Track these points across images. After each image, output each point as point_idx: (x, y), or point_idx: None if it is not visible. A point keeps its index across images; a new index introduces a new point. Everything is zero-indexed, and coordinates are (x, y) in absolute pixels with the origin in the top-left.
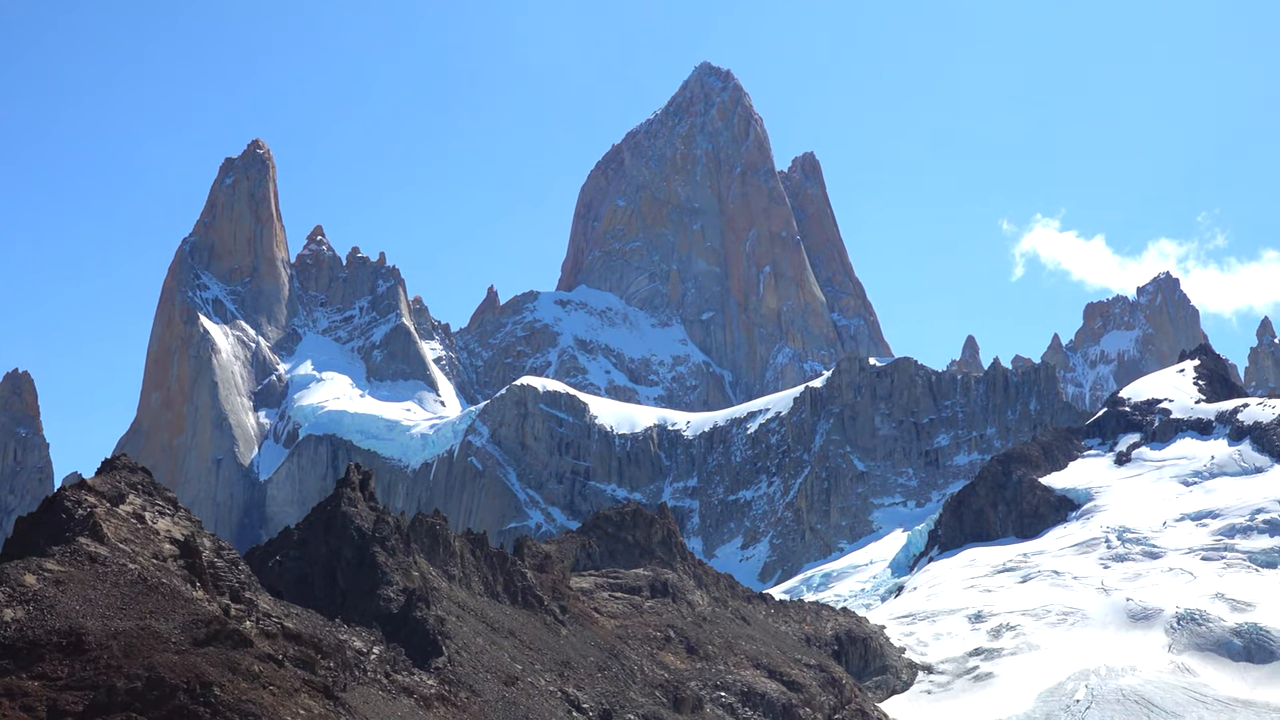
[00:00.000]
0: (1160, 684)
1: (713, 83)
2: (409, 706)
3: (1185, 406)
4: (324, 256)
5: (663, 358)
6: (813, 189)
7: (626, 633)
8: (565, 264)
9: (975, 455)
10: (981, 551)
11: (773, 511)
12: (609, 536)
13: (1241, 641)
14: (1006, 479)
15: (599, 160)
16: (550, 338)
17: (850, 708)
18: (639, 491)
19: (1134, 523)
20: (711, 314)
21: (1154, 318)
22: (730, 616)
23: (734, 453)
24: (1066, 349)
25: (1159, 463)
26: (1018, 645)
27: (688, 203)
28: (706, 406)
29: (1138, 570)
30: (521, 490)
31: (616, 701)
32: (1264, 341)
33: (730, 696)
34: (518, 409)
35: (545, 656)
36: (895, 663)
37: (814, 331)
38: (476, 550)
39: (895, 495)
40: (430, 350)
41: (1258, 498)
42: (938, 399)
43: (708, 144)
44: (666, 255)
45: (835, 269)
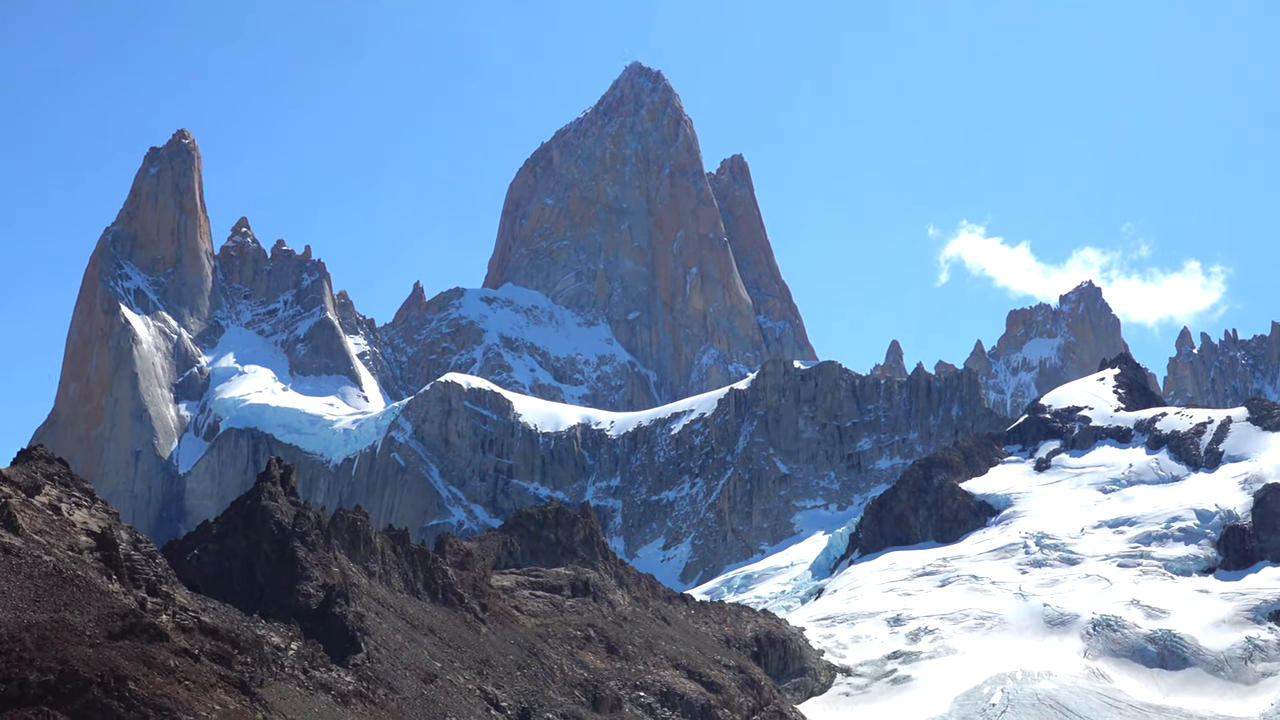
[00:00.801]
0: (1075, 689)
1: (643, 83)
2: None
3: (1105, 415)
4: (249, 249)
5: (588, 357)
6: (741, 191)
7: (547, 631)
8: (492, 261)
9: (897, 459)
10: (901, 555)
11: (695, 512)
12: (531, 535)
13: (1155, 648)
14: (927, 483)
15: (528, 158)
16: (475, 335)
17: (769, 709)
18: (562, 490)
19: (1052, 529)
20: (637, 314)
21: (1076, 326)
22: (651, 617)
23: (657, 453)
24: (989, 355)
25: (1078, 470)
26: (936, 649)
27: (616, 202)
28: (631, 406)
29: (1055, 576)
30: (444, 487)
31: (535, 700)
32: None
33: (649, 696)
34: (441, 406)
35: (464, 654)
36: (814, 665)
37: (739, 333)
38: (397, 547)
39: (817, 498)
40: (354, 345)
41: (1174, 506)
42: (861, 403)
43: (637, 144)
44: (593, 254)
45: (762, 271)
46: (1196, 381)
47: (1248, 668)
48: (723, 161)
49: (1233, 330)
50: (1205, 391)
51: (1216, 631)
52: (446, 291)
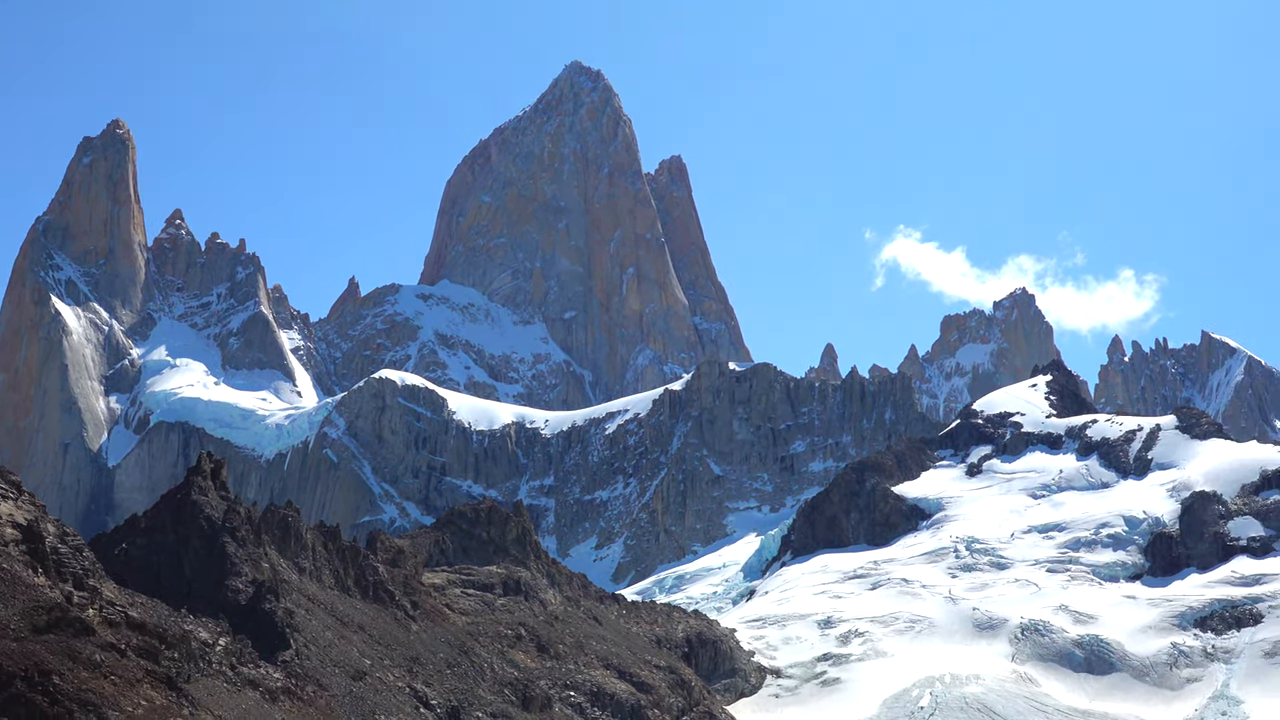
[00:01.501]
0: (1003, 693)
1: (583, 82)
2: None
3: (1036, 421)
4: (182, 241)
5: (523, 355)
6: (678, 192)
7: (477, 630)
8: (428, 258)
9: (830, 462)
10: (833, 558)
11: (628, 512)
12: (463, 533)
13: (1082, 653)
14: (860, 487)
15: (466, 155)
16: (410, 331)
17: (699, 710)
18: (495, 489)
19: (982, 533)
20: (574, 313)
21: (1009, 332)
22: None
23: (591, 453)
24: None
25: (1009, 475)
26: (865, 652)
27: (553, 201)
28: (566, 406)
29: (984, 580)
30: (376, 484)
31: (465, 699)
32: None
33: (579, 696)
34: (375, 402)
35: (395, 652)
36: (744, 666)
37: (675, 334)
38: (328, 543)
39: (750, 500)
40: (288, 340)
41: (1103, 512)
42: (795, 405)
43: (576, 143)
44: (530, 253)
45: (698, 273)
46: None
47: (1173, 673)
48: (661, 162)
49: (1163, 339)
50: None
51: (1143, 637)
52: (382, 288)
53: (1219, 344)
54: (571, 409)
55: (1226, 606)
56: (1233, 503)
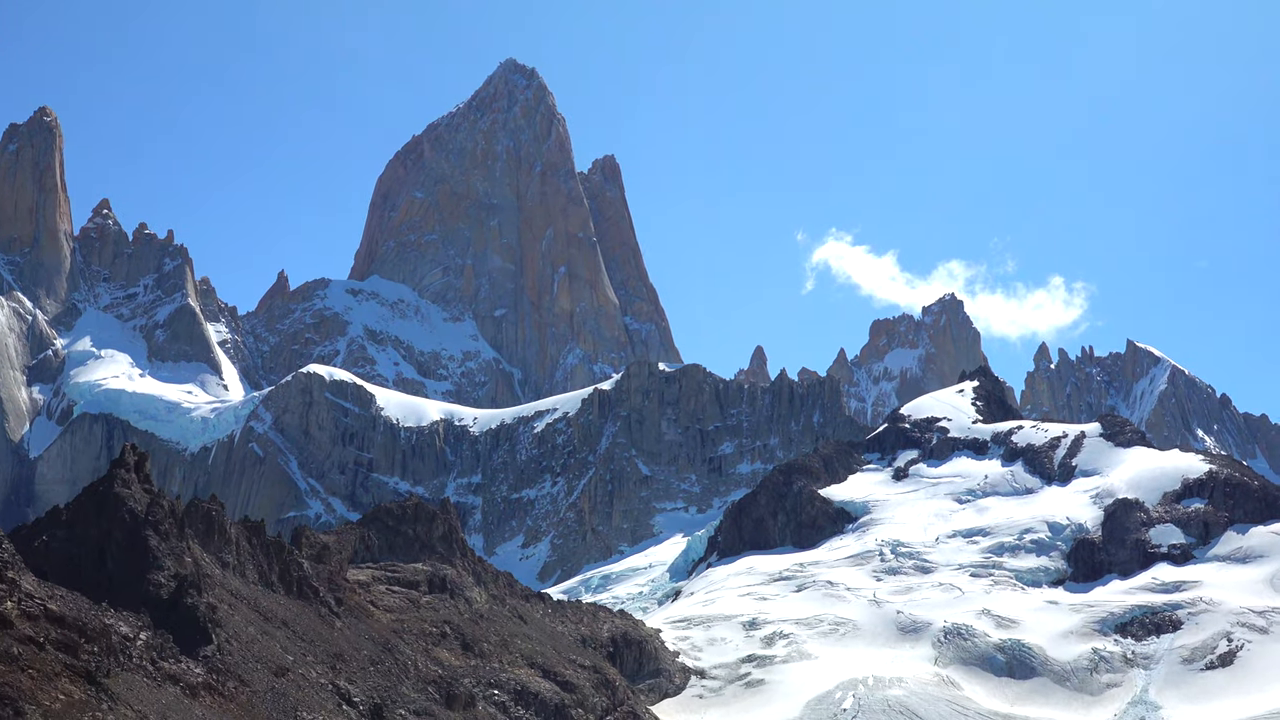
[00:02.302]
0: (925, 696)
1: (517, 80)
2: (174, 695)
3: (963, 426)
4: (109, 231)
5: (453, 352)
6: (611, 192)
7: (402, 627)
8: (359, 253)
9: (758, 464)
10: (759, 559)
11: (555, 511)
12: (389, 530)
13: (1005, 657)
14: (787, 489)
15: (398, 150)
16: (340, 326)
17: (622, 710)
18: (422, 485)
19: (907, 537)
20: (504, 311)
21: (937, 338)
22: (507, 615)
23: (519, 451)
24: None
25: (934, 480)
26: (790, 653)
27: (486, 198)
28: (495, 403)
29: (909, 584)
30: (302, 479)
31: (388, 696)
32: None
33: (503, 695)
34: (303, 396)
35: (318, 648)
36: (669, 666)
37: (605, 334)
38: (253, 538)
39: (677, 500)
40: (215, 332)
41: (1027, 518)
42: (724, 407)
43: (509, 141)
44: (462, 250)
45: (629, 273)
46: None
47: (1093, 678)
48: (594, 161)
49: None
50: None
51: (1064, 642)
52: (311, 282)
53: (1144, 353)
54: (500, 407)
55: (1147, 613)
56: (1154, 510)
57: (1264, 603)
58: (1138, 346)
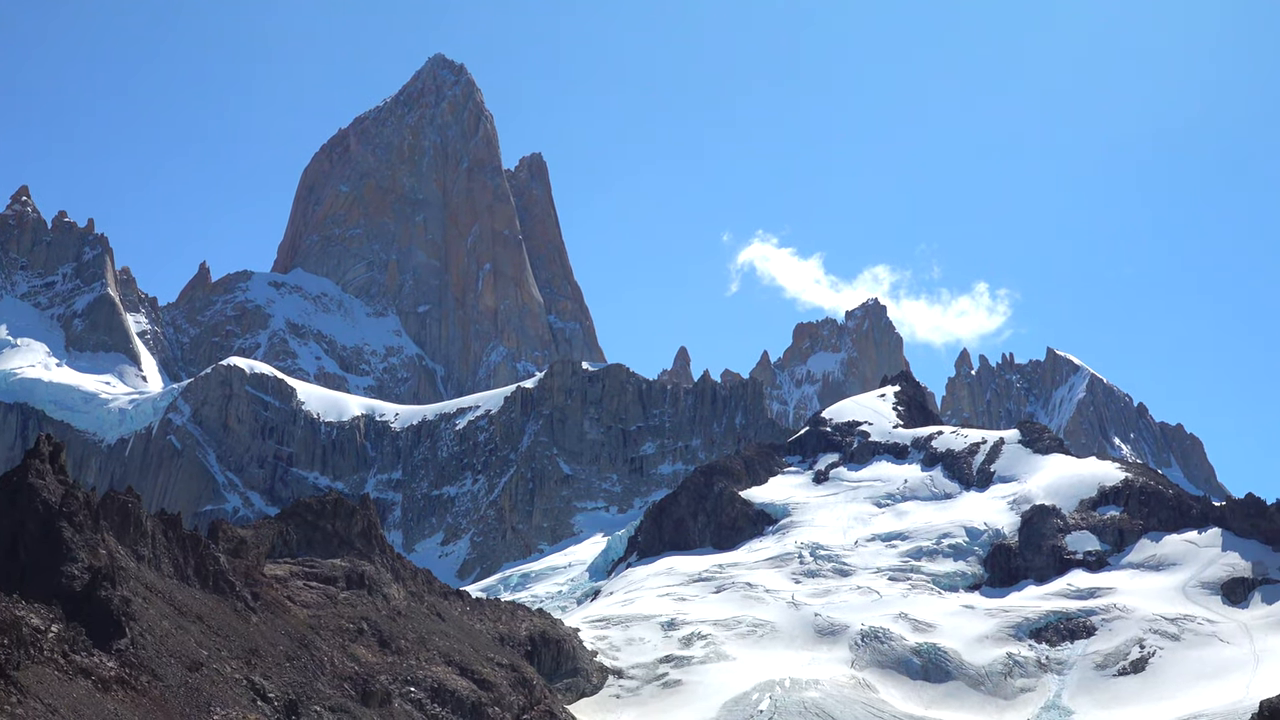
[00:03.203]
0: (841, 698)
1: (445, 75)
2: (86, 688)
3: (883, 430)
4: (28, 218)
5: (375, 348)
6: (538, 190)
7: (319, 623)
8: (282, 246)
9: (679, 465)
10: (679, 560)
11: (475, 509)
12: (307, 525)
13: (920, 661)
14: (708, 490)
15: (324, 143)
16: (261, 319)
17: (539, 709)
18: (342, 481)
19: (827, 540)
20: (428, 307)
21: (860, 342)
22: (425, 612)
23: (441, 448)
24: (775, 366)
25: (855, 483)
26: (708, 654)
27: (411, 194)
28: (417, 400)
29: (827, 587)
30: (220, 472)
31: (303, 692)
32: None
33: (420, 692)
34: (222, 389)
35: (233, 643)
36: (586, 666)
37: (529, 332)
38: (169, 531)
39: (598, 500)
40: (135, 323)
41: (945, 523)
42: (646, 407)
43: (436, 136)
44: (386, 245)
45: (555, 271)
46: (973, 402)
47: (1007, 683)
48: (521, 159)
49: (1009, 354)
50: (981, 412)
51: (979, 647)
52: (234, 274)
53: (1063, 361)
54: (422, 403)
55: (1061, 619)
56: (1071, 517)
57: (1176, 610)
58: (1057, 354)
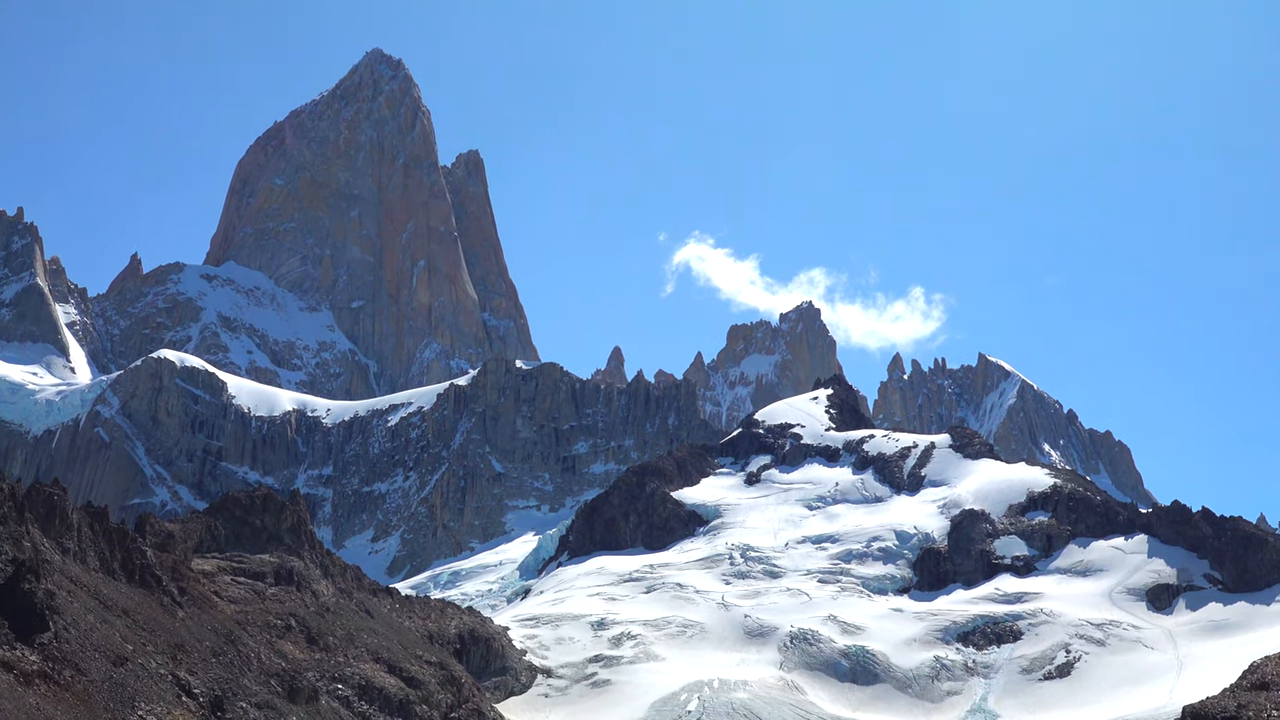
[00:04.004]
0: (769, 699)
1: (383, 70)
2: (7, 683)
3: (816, 433)
4: None
5: (308, 342)
6: (474, 187)
7: (246, 619)
8: (215, 238)
9: (612, 465)
10: (610, 560)
11: (406, 506)
12: (236, 520)
13: (849, 663)
14: (640, 490)
15: (259, 136)
16: (193, 312)
17: (467, 707)
18: (272, 476)
19: (757, 542)
20: (362, 303)
21: (794, 345)
22: (354, 609)
23: (372, 444)
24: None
25: (786, 486)
26: (637, 654)
27: (347, 188)
28: (349, 395)
29: (757, 589)
30: (149, 466)
31: (229, 688)
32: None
33: (347, 689)
34: (152, 382)
35: (159, 638)
36: (515, 665)
37: (463, 329)
38: (95, 524)
39: (530, 499)
40: (64, 314)
41: (875, 526)
42: (580, 407)
43: (373, 131)
44: (321, 239)
45: (490, 269)
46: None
47: (934, 686)
48: (458, 156)
49: (942, 359)
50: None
51: (907, 650)
52: (166, 265)
53: (995, 366)
54: (355, 399)
55: (988, 623)
56: (1000, 522)
57: (1102, 615)
58: (989, 360)
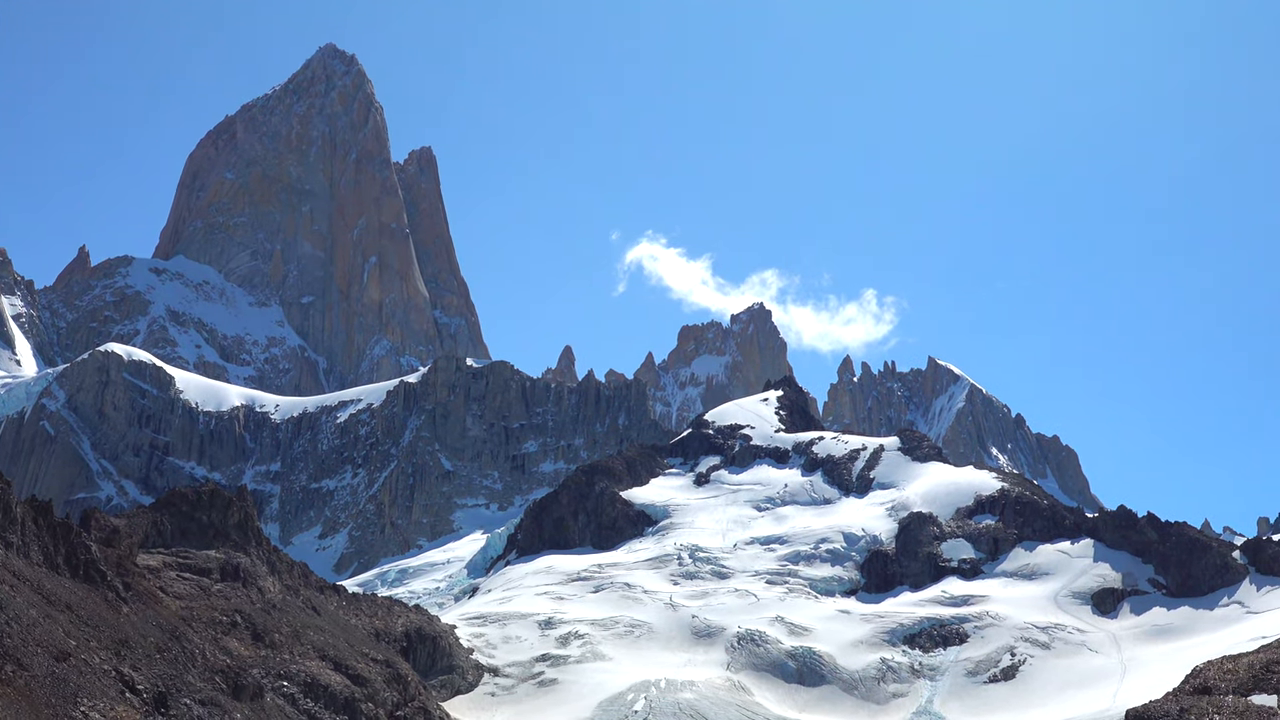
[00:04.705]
0: (716, 700)
1: (336, 65)
2: None
3: (765, 435)
4: None
5: (257, 338)
6: (426, 184)
7: (191, 615)
8: (165, 231)
9: (561, 464)
10: (558, 559)
11: (354, 503)
12: (182, 515)
13: (795, 664)
14: (589, 490)
15: (211, 129)
16: (141, 305)
17: (413, 705)
18: (219, 471)
19: (706, 543)
20: (312, 299)
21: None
22: (301, 606)
23: (321, 440)
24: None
25: (735, 486)
26: (584, 654)
27: (298, 183)
28: (298, 391)
29: (705, 589)
30: (95, 460)
31: (174, 685)
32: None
33: (292, 687)
34: (99, 375)
35: (102, 634)
36: (462, 663)
37: (414, 326)
38: (39, 518)
39: (479, 497)
40: (10, 305)
41: (823, 527)
42: (530, 405)
43: (325, 126)
44: (271, 234)
45: (441, 266)
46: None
47: (880, 688)
48: (411, 152)
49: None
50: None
51: (854, 651)
52: (114, 259)
53: (944, 370)
54: (304, 395)
55: (935, 625)
56: (947, 525)
57: (1047, 619)
58: (938, 364)
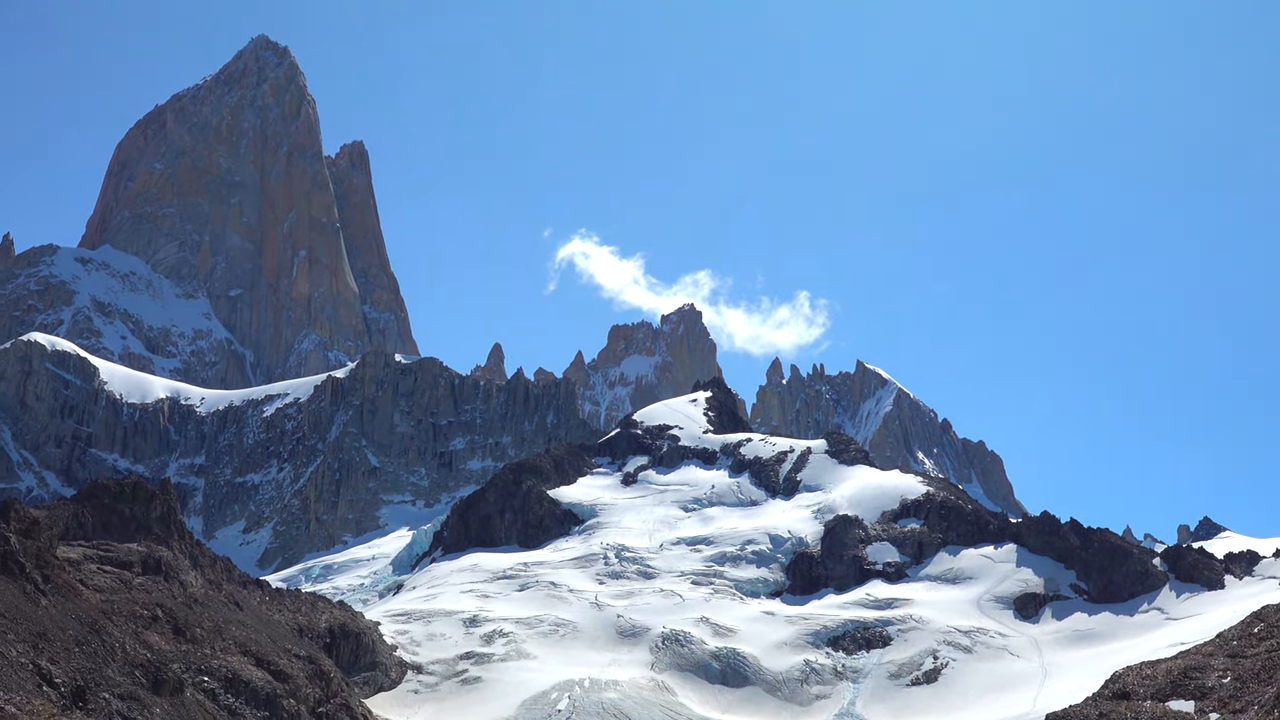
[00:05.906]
0: (640, 700)
1: (268, 57)
2: None
3: (694, 435)
4: None
5: (184, 330)
6: (358, 178)
7: (111, 608)
8: (91, 221)
9: (489, 461)
10: (484, 557)
11: (279, 498)
12: (104, 507)
13: (719, 665)
14: (516, 488)
15: (140, 119)
16: (66, 295)
17: (335, 702)
18: (143, 464)
19: (632, 542)
20: (240, 291)
21: (674, 346)
22: (223, 600)
23: (247, 434)
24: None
25: (663, 487)
26: (509, 652)
27: (228, 175)
28: (224, 385)
29: (631, 589)
30: (15, 450)
31: (92, 679)
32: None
33: (213, 682)
34: (21, 365)
35: (20, 627)
36: (386, 660)
37: (343, 321)
38: None
39: (405, 493)
40: None
41: (749, 529)
42: (458, 402)
43: (256, 118)
44: (200, 226)
45: (371, 261)
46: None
47: (803, 689)
48: (343, 146)
49: (820, 365)
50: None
51: (778, 653)
52: (38, 247)
53: (872, 374)
54: (230, 388)
55: (859, 627)
56: (873, 528)
57: (970, 623)
58: (866, 367)
